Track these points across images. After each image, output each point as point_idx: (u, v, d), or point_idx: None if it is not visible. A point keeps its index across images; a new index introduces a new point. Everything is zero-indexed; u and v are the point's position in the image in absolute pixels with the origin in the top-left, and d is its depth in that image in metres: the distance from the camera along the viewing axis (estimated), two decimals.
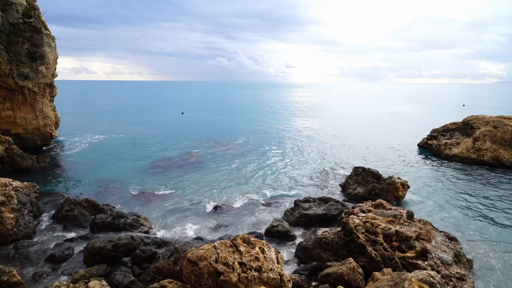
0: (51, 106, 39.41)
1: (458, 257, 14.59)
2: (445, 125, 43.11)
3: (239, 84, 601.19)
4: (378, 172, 25.59)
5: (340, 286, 11.92)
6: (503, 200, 23.95)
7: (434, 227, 16.88)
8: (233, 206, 22.84)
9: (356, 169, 26.46)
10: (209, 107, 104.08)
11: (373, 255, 13.65)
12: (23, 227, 17.70)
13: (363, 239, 14.24)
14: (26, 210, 18.91)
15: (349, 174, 27.28)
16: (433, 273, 11.17)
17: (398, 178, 24.46)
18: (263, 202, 23.85)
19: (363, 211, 17.14)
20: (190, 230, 19.46)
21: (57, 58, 37.78)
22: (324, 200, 21.60)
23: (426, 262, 13.41)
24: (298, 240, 17.99)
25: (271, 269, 10.96)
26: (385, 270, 12.39)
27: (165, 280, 11.69)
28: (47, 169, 30.87)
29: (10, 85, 34.08)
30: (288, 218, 20.27)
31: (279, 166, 33.16)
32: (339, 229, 15.56)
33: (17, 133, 35.97)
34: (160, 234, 18.80)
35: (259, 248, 11.52)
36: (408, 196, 24.29)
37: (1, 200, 17.74)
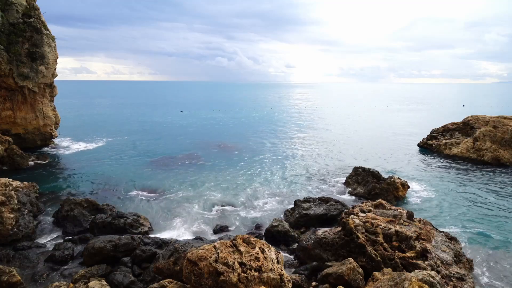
0: (51, 106, 39.41)
1: (458, 257, 14.57)
2: (445, 125, 43.09)
3: (239, 84, 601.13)
4: (378, 172, 25.62)
5: (340, 286, 11.92)
6: (503, 200, 23.94)
7: (434, 227, 16.87)
8: (233, 206, 22.85)
9: (356, 169, 26.47)
10: (209, 106, 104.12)
11: (373, 255, 13.64)
12: (23, 227, 17.68)
13: (363, 239, 14.23)
14: (26, 210, 18.89)
15: (349, 174, 27.31)
16: (433, 273, 11.17)
17: (398, 178, 24.49)
18: (263, 202, 23.86)
19: (363, 211, 17.14)
20: (190, 230, 19.48)
21: (57, 58, 37.79)
22: (324, 200, 21.61)
23: (426, 262, 13.40)
24: (298, 240, 17.98)
25: (271, 269, 10.96)
26: (385, 270, 12.38)
27: (165, 280, 11.69)
28: (47, 169, 30.87)
29: (10, 85, 34.10)
30: (288, 218, 20.27)
31: (279, 166, 33.16)
32: (339, 229, 15.55)
33: (17, 133, 36.00)
34: (160, 234, 18.80)
35: (259, 248, 11.52)
36: (408, 196, 24.30)
37: (1, 200, 17.73)
